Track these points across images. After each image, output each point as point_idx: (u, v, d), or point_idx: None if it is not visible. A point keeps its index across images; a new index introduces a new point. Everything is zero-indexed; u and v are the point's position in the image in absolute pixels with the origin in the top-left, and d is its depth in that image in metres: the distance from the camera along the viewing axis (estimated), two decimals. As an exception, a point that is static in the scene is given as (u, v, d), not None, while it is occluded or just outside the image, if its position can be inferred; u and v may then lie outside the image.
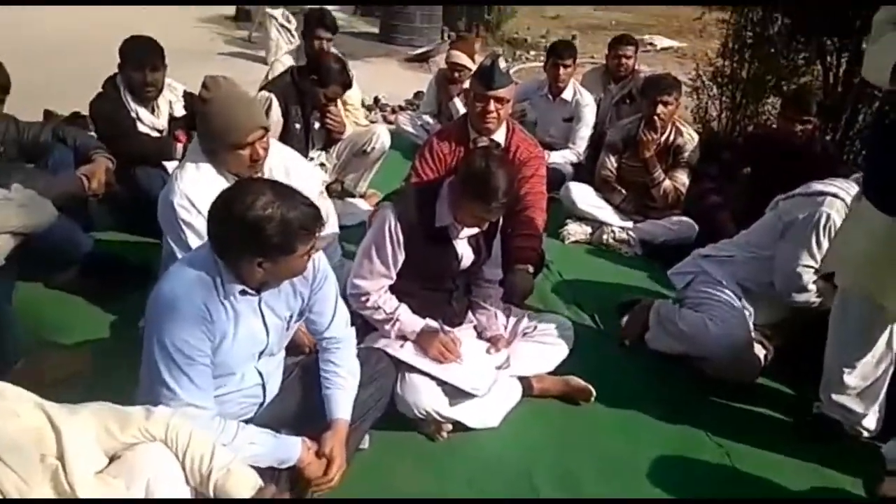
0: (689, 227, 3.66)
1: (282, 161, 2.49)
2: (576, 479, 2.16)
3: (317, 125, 3.51)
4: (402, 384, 2.19)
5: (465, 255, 2.36)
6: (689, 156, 3.66)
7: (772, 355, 2.69)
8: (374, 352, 2.20)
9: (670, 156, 3.67)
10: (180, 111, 3.27)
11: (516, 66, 7.73)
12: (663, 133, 3.64)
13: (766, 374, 2.69)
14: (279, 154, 2.49)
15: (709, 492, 2.18)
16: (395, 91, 6.19)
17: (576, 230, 3.83)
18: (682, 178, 3.68)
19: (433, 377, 2.21)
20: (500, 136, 2.79)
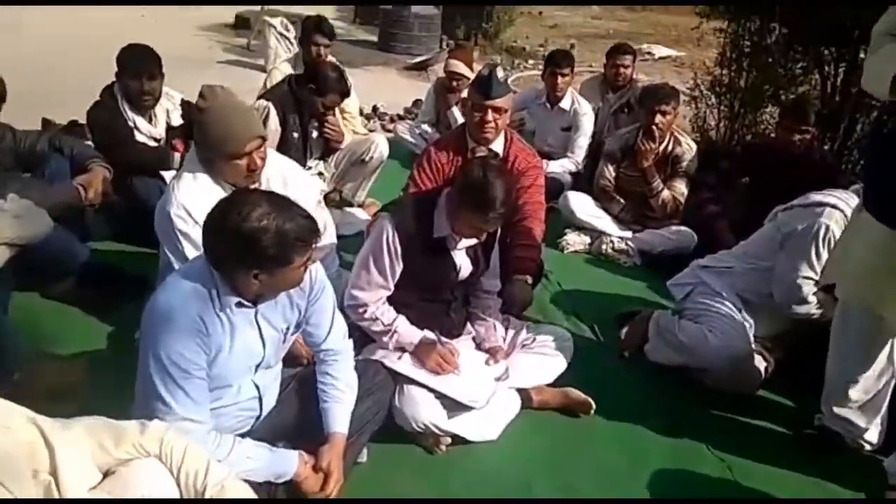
0: (688, 237, 3.65)
1: (279, 171, 2.49)
2: (575, 492, 2.15)
3: (315, 134, 3.50)
4: (401, 397, 2.17)
5: (464, 265, 2.34)
6: (687, 165, 3.66)
7: (772, 367, 2.67)
8: (371, 364, 2.18)
9: (668, 165, 3.67)
10: (178, 120, 3.25)
11: (514, 75, 7.74)
12: (661, 142, 3.63)
13: (767, 385, 2.67)
14: (276, 164, 2.49)
15: (709, 505, 2.17)
16: (394, 99, 6.19)
17: (574, 240, 3.82)
18: (681, 187, 3.68)
19: (431, 389, 2.19)
20: (498, 145, 2.79)
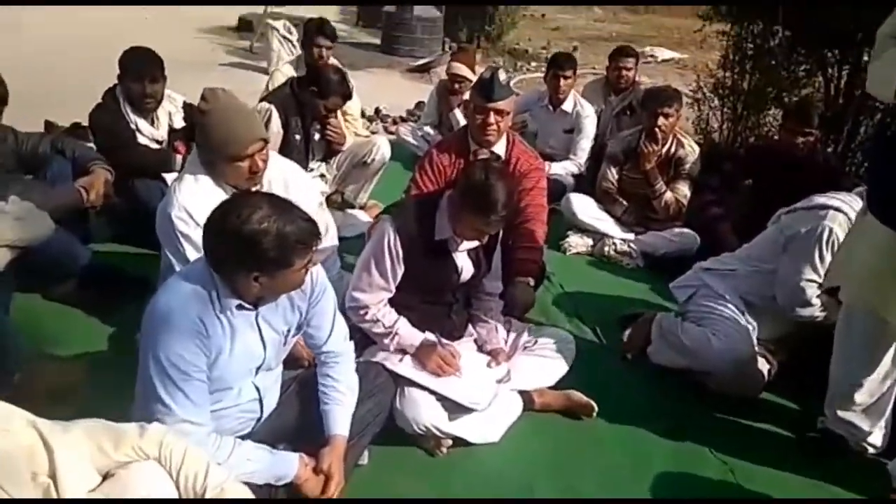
0: (691, 239, 3.64)
1: (281, 173, 2.48)
2: (577, 495, 2.13)
3: (317, 136, 3.50)
4: (402, 399, 2.16)
5: (465, 267, 2.34)
6: (690, 167, 3.65)
7: (776, 370, 2.66)
8: (372, 366, 2.18)
9: (671, 167, 3.66)
10: (180, 122, 3.25)
11: (517, 78, 7.75)
12: (664, 145, 3.62)
13: (770, 388, 2.66)
14: (278, 166, 2.48)
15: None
16: (396, 102, 6.20)
17: (577, 242, 3.82)
18: (684, 189, 3.67)
19: (433, 392, 2.18)
20: (500, 147, 2.78)
